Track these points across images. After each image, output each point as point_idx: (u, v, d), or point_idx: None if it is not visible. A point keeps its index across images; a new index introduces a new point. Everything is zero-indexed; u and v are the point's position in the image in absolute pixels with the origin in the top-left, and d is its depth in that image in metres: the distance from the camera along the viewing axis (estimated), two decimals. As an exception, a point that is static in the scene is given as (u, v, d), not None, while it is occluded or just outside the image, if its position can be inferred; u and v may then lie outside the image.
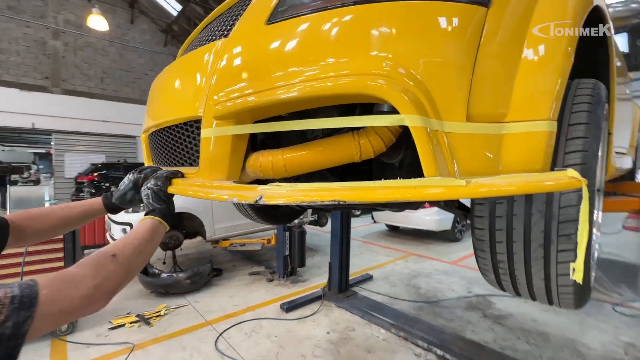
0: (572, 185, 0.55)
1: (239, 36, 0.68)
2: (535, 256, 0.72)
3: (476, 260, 0.87)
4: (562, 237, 0.67)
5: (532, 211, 0.70)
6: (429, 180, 0.51)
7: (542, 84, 0.62)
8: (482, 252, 0.81)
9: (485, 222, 0.77)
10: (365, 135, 0.64)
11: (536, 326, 2.98)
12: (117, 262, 0.57)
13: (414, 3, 0.58)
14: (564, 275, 0.71)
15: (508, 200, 0.74)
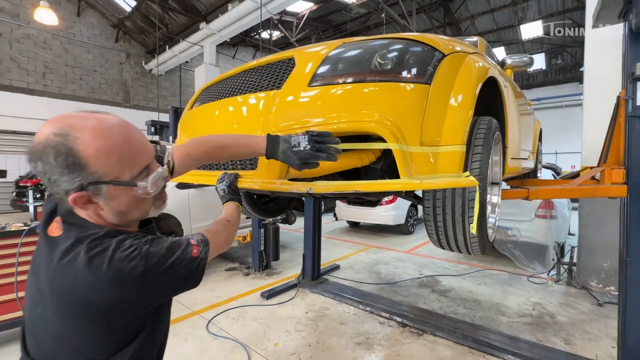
0: (470, 183, 1.07)
1: (290, 90, 1.09)
2: (457, 222, 1.23)
3: (426, 229, 1.38)
4: (470, 209, 1.19)
5: (455, 196, 1.22)
6: (403, 180, 0.98)
7: (457, 123, 1.13)
8: (429, 222, 1.32)
9: (430, 203, 1.28)
10: (364, 152, 1.10)
11: (471, 296, 3.72)
12: (231, 225, 0.95)
13: (391, 84, 1.05)
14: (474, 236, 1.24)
15: (442, 190, 1.25)
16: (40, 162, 0.62)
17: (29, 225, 2.72)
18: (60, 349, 0.68)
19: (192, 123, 1.49)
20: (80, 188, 0.63)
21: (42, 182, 0.69)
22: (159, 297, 0.72)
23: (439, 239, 1.35)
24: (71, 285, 0.62)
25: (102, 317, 0.65)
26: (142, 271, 0.63)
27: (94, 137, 0.63)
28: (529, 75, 16.21)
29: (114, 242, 0.64)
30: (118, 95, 12.86)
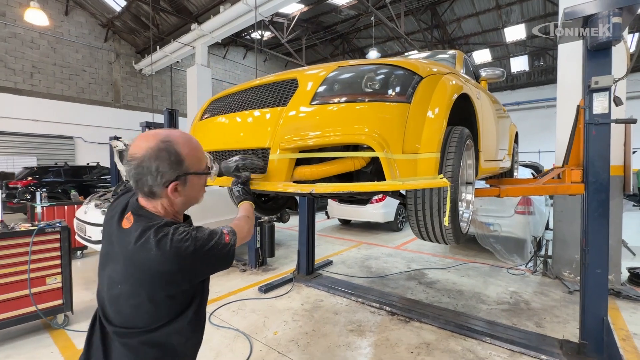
0: (443, 184, 1.31)
1: (295, 107, 1.30)
2: (434, 216, 1.47)
3: (409, 223, 1.61)
4: (444, 206, 1.43)
5: (432, 194, 1.45)
6: (389, 181, 1.21)
7: (433, 134, 1.36)
8: (412, 217, 1.55)
9: (412, 200, 1.51)
10: (356, 159, 1.31)
11: (455, 287, 4.01)
12: (250, 220, 1.17)
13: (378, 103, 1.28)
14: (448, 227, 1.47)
15: (422, 189, 1.48)
16: (154, 162, 0.88)
17: (38, 225, 2.85)
18: (138, 315, 0.89)
19: (205, 132, 1.68)
20: (176, 178, 0.91)
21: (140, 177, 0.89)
22: (204, 272, 0.95)
23: (420, 231, 1.58)
24: (145, 261, 0.85)
25: (167, 285, 0.87)
26: (193, 249, 0.86)
27: (185, 143, 0.94)
28: (513, 77, 16.77)
29: (172, 229, 0.88)
30: (108, 95, 12.78)
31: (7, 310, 2.63)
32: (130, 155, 0.90)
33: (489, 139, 2.31)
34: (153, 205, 0.95)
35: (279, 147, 1.30)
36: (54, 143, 11.19)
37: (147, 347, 0.90)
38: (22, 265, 2.68)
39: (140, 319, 0.89)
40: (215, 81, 14.97)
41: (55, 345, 2.67)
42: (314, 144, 1.26)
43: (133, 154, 0.89)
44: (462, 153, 1.50)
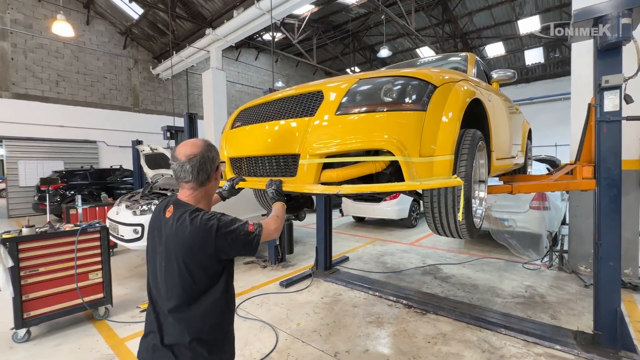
0: (457, 183, 1.44)
1: (322, 117, 1.46)
2: (449, 212, 1.60)
3: (426, 219, 1.75)
4: (457, 203, 1.56)
5: (447, 193, 1.58)
6: (408, 182, 1.35)
7: (447, 138, 1.50)
8: (428, 214, 1.69)
9: (428, 199, 1.65)
10: (377, 162, 1.46)
11: (470, 281, 4.10)
12: (279, 219, 1.33)
13: (396, 112, 1.42)
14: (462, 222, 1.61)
15: (437, 189, 1.62)
16: (211, 153, 1.23)
17: (80, 226, 3.12)
18: (181, 287, 1.12)
19: (237, 140, 1.87)
20: (216, 168, 1.26)
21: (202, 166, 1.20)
22: (226, 250, 1.14)
23: (435, 226, 1.72)
24: (181, 235, 1.11)
25: (198, 255, 1.11)
26: (217, 227, 1.11)
27: (213, 146, 1.27)
28: (528, 70, 16.43)
29: (202, 212, 1.16)
30: (127, 100, 13.28)
31: (57, 303, 2.91)
32: (187, 155, 1.19)
33: (501, 138, 2.41)
34: (192, 195, 1.23)
35: (308, 153, 1.46)
36: (79, 147, 11.73)
37: (194, 317, 1.12)
38: (68, 262, 2.96)
39: (184, 291, 1.11)
40: (228, 83, 15.31)
41: (100, 334, 2.93)
42: (339, 150, 1.42)
43: (192, 153, 1.19)
44: (474, 154, 1.63)
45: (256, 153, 1.69)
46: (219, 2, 10.21)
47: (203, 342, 1.12)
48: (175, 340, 1.12)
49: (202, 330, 1.13)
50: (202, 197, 1.25)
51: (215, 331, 1.16)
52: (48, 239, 2.90)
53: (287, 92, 1.72)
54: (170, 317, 1.12)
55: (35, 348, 2.73)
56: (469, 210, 1.59)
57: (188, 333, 1.11)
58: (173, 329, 1.12)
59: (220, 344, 1.19)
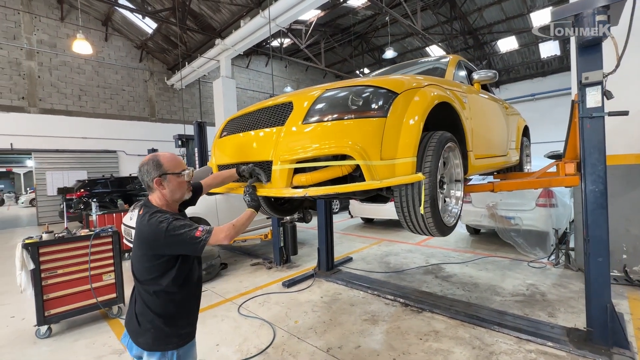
0: (418, 179, 1.54)
1: (290, 125, 1.59)
2: (416, 210, 1.69)
3: (398, 217, 1.84)
4: (419, 196, 1.65)
5: (413, 190, 1.67)
6: (368, 182, 1.46)
7: (409, 142, 1.59)
8: (399, 211, 1.78)
9: (398, 198, 1.74)
10: (344, 166, 1.58)
11: (471, 280, 4.10)
12: (234, 228, 1.44)
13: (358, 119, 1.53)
14: (428, 218, 1.69)
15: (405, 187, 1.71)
16: (146, 166, 1.42)
17: (94, 231, 3.38)
18: (142, 269, 1.38)
19: (223, 148, 2.03)
20: (159, 175, 1.41)
21: (141, 176, 1.44)
22: (174, 248, 1.34)
23: (407, 224, 1.81)
24: (142, 230, 1.37)
25: (151, 247, 1.34)
26: (166, 228, 1.30)
27: (166, 156, 1.47)
28: (544, 63, 15.95)
29: (159, 214, 1.36)
30: (144, 111, 13.90)
31: (74, 302, 3.17)
32: (138, 167, 1.47)
33: (482, 138, 2.46)
34: (153, 198, 1.46)
35: (279, 160, 1.59)
36: (100, 157, 12.39)
37: (153, 293, 1.37)
38: (84, 264, 3.21)
39: (144, 272, 1.38)
40: (240, 90, 15.72)
41: (112, 331, 3.17)
42: (308, 155, 1.54)
43: (139, 166, 1.46)
44: (440, 155, 1.71)
45: (238, 160, 1.84)
46: (226, 13, 10.57)
47: (159, 315, 1.38)
48: (140, 309, 1.39)
49: (158, 305, 1.38)
50: (159, 200, 1.45)
51: (169, 307, 1.40)
52: (65, 243, 3.17)
53: (264, 103, 1.87)
54: (139, 290, 1.41)
55: (56, 343, 2.99)
56: (435, 206, 1.67)
57: (148, 305, 1.38)
58: (141, 300, 1.40)
59: (174, 318, 1.41)
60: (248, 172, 1.73)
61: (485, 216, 5.41)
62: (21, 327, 3.31)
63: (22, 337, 3.10)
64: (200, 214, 4.78)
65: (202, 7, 10.64)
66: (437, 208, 1.69)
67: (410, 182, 1.56)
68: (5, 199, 25.37)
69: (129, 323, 1.44)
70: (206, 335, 2.95)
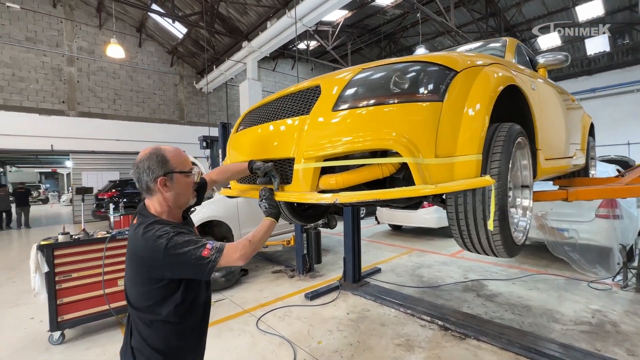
0: (487, 183, 1.15)
1: (317, 114, 1.27)
2: (480, 225, 1.30)
3: (452, 233, 1.46)
4: (488, 208, 1.26)
5: (476, 200, 1.29)
6: (418, 186, 1.10)
7: (472, 134, 1.21)
8: (453, 225, 1.39)
9: (453, 208, 1.36)
10: (384, 165, 1.23)
11: (521, 301, 3.56)
12: (251, 244, 1.15)
13: (406, 104, 1.18)
14: (496, 234, 1.29)
15: (464, 195, 1.33)
16: (147, 162, 1.12)
17: (111, 233, 3.24)
18: (138, 294, 1.12)
19: (239, 145, 1.74)
20: (164, 174, 1.12)
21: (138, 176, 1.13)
22: (175, 271, 1.07)
23: (463, 241, 1.42)
24: (135, 247, 1.09)
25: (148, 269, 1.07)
26: (165, 246, 1.03)
27: (171, 150, 1.18)
28: (590, 60, 14.64)
29: (158, 226, 1.09)
30: (174, 114, 14.24)
31: (88, 308, 3.02)
32: (134, 163, 1.15)
33: (551, 134, 2.01)
34: (152, 203, 1.17)
35: (303, 157, 1.27)
36: (132, 158, 12.71)
37: (150, 324, 1.12)
38: (99, 268, 3.06)
39: (139, 297, 1.11)
40: (266, 93, 15.73)
41: (125, 340, 2.98)
42: (339, 151, 1.20)
43: (135, 162, 1.14)
44: (510, 152, 1.31)
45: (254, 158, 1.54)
46: (253, 15, 10.55)
47: (159, 351, 1.13)
48: (137, 343, 1.14)
49: (157, 338, 1.13)
50: (160, 206, 1.17)
51: (171, 341, 1.15)
52: (81, 245, 3.03)
53: (287, 90, 1.56)
54: (134, 318, 1.16)
55: (68, 350, 2.84)
56: (505, 220, 1.28)
57: (144, 338, 1.13)
58: (137, 331, 1.15)
59: (177, 353, 1.17)
60: (263, 171, 1.41)
61: (533, 227, 4.80)
62: (37, 330, 3.22)
63: (36, 342, 2.99)
64: (220, 217, 4.58)
65: (229, 9, 10.70)
66: (507, 222, 1.29)
67: (477, 187, 1.18)
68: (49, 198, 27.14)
69: (124, 356, 1.20)
70: (220, 351, 2.68)
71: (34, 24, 11.03)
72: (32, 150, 11.14)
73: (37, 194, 24.27)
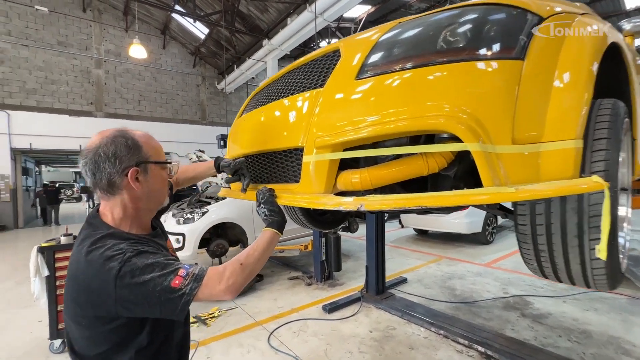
0: (597, 187, 0.74)
1: (334, 87, 0.91)
2: (572, 245, 0.89)
3: (521, 253, 1.05)
4: (592, 229, 0.84)
5: (567, 209, 0.88)
6: (489, 189, 0.72)
7: (568, 111, 0.81)
8: (525, 244, 0.99)
9: (527, 219, 0.96)
10: (431, 156, 0.85)
11: (577, 325, 3.01)
12: (243, 269, 0.82)
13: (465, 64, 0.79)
14: (596, 259, 0.88)
15: (546, 201, 0.92)
16: (111, 146, 0.80)
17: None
18: (80, 337, 0.79)
19: (236, 133, 1.42)
20: (137, 164, 0.83)
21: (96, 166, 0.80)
22: (133, 308, 0.73)
23: (540, 267, 1.01)
24: (76, 271, 0.77)
25: (93, 304, 0.74)
26: (117, 272, 0.72)
27: (142, 134, 0.91)
28: (641, 51, 13.25)
29: (110, 243, 0.77)
30: (196, 114, 14.36)
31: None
32: (85, 150, 0.82)
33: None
34: (111, 208, 0.85)
35: (315, 145, 0.92)
36: (155, 159, 12.98)
37: None
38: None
39: (87, 344, 0.79)
40: (286, 93, 15.56)
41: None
42: (364, 136, 0.84)
43: (88, 147, 0.82)
44: (620, 139, 0.89)
45: (252, 149, 1.21)
46: (274, 12, 10.36)
47: None
48: None
49: None
50: (123, 211, 0.84)
51: None
52: (83, 248, 2.84)
53: (299, 60, 1.21)
54: None
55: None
56: (614, 240, 0.86)
57: None
58: None
59: None
60: (232, 168, 1.11)
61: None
62: (42, 335, 3.05)
63: (38, 348, 2.84)
64: (233, 219, 4.32)
65: (250, 7, 10.58)
66: (617, 243, 0.87)
67: (584, 191, 0.77)
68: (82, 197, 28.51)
69: None
70: (226, 373, 2.38)
71: (65, 28, 11.42)
72: (63, 150, 11.52)
73: (71, 192, 25.48)
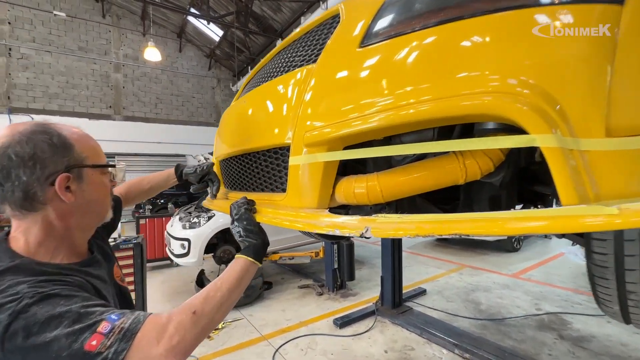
0: None
1: (328, 62, 0.67)
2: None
3: (592, 287, 0.76)
4: None
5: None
6: (575, 208, 0.44)
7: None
8: (604, 280, 0.70)
9: (608, 246, 0.67)
10: (471, 156, 0.59)
11: (627, 351, 2.61)
12: (194, 322, 0.57)
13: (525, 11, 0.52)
14: None
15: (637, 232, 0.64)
16: (27, 145, 0.59)
17: (115, 241, 2.89)
18: None
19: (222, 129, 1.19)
20: (67, 169, 0.63)
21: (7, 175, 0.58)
22: None
23: (624, 311, 0.71)
24: None
25: None
26: (2, 331, 0.50)
27: (71, 129, 0.68)
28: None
29: (6, 283, 0.55)
30: (211, 117, 14.43)
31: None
32: None
33: None
34: (25, 229, 0.62)
35: (304, 142, 0.66)
36: (171, 161, 13.08)
37: None
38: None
39: None
40: (300, 94, 15.41)
41: None
42: (371, 127, 0.58)
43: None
44: None
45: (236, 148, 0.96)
46: (287, 12, 10.22)
47: None
48: None
49: None
50: (44, 233, 0.63)
51: None
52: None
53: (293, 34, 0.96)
54: None
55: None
56: None
57: None
58: None
59: None
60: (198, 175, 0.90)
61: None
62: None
63: None
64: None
65: (263, 7, 10.48)
66: None
67: None
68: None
69: None
70: (224, 398, 2.15)
71: (86, 34, 11.71)
72: (82, 153, 11.80)
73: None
